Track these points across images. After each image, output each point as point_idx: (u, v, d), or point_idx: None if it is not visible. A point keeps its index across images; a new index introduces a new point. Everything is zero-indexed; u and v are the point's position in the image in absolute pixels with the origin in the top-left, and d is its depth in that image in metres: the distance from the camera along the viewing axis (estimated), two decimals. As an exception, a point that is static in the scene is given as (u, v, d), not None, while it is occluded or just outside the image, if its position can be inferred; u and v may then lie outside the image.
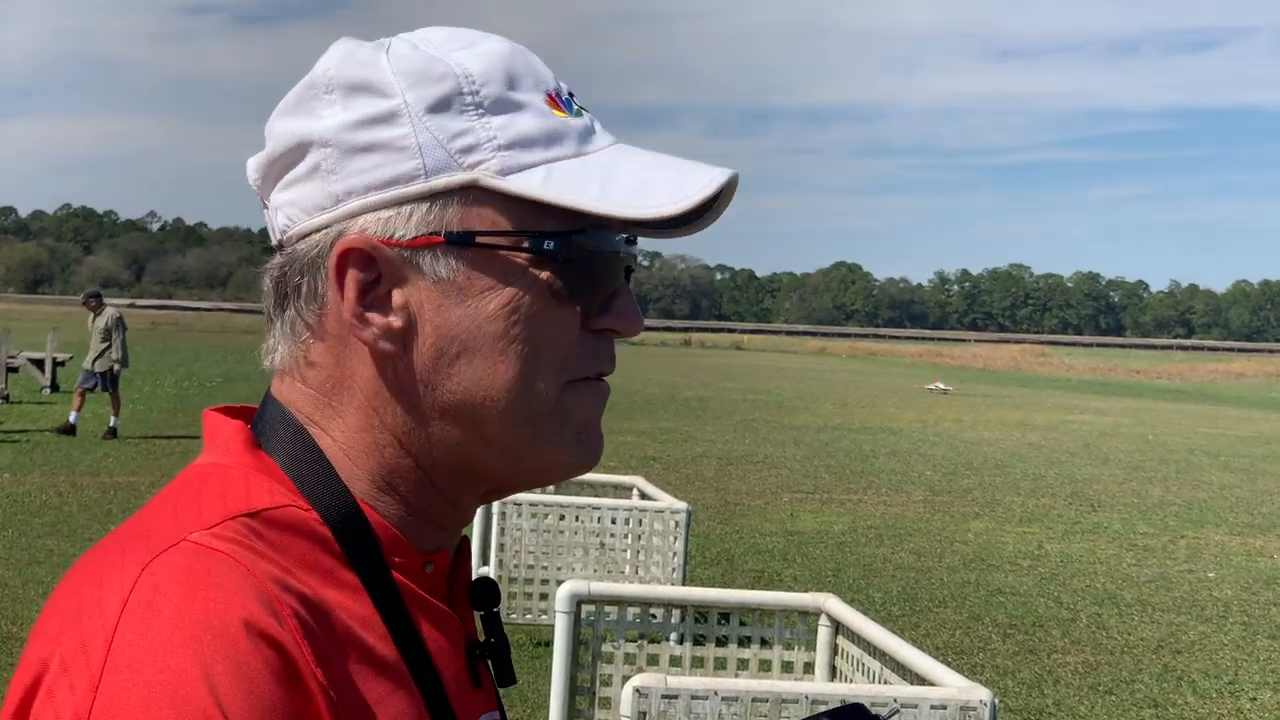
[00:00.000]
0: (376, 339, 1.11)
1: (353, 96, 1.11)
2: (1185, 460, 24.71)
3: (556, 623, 5.52)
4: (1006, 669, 9.64)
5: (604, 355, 1.16)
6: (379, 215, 1.11)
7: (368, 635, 1.07)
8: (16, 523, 12.63)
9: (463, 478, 1.15)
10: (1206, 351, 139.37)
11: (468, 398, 1.11)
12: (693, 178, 1.11)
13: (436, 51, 1.12)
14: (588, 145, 1.13)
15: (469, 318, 1.10)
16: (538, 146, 1.11)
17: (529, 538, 9.04)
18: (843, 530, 15.16)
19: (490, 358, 1.10)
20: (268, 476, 1.11)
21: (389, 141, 1.10)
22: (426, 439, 1.13)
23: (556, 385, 1.12)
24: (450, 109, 1.10)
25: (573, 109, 1.15)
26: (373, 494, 1.14)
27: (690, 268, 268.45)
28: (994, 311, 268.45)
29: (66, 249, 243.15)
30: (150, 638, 0.95)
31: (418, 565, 1.14)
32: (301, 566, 1.06)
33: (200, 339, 64.21)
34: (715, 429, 27.13)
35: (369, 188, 1.11)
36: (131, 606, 0.97)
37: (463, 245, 1.10)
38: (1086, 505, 18.20)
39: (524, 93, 1.12)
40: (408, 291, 1.11)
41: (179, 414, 23.93)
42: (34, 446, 18.84)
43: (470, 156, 1.10)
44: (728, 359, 74.02)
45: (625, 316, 1.15)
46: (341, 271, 1.11)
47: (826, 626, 5.37)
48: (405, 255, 1.11)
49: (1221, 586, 13.07)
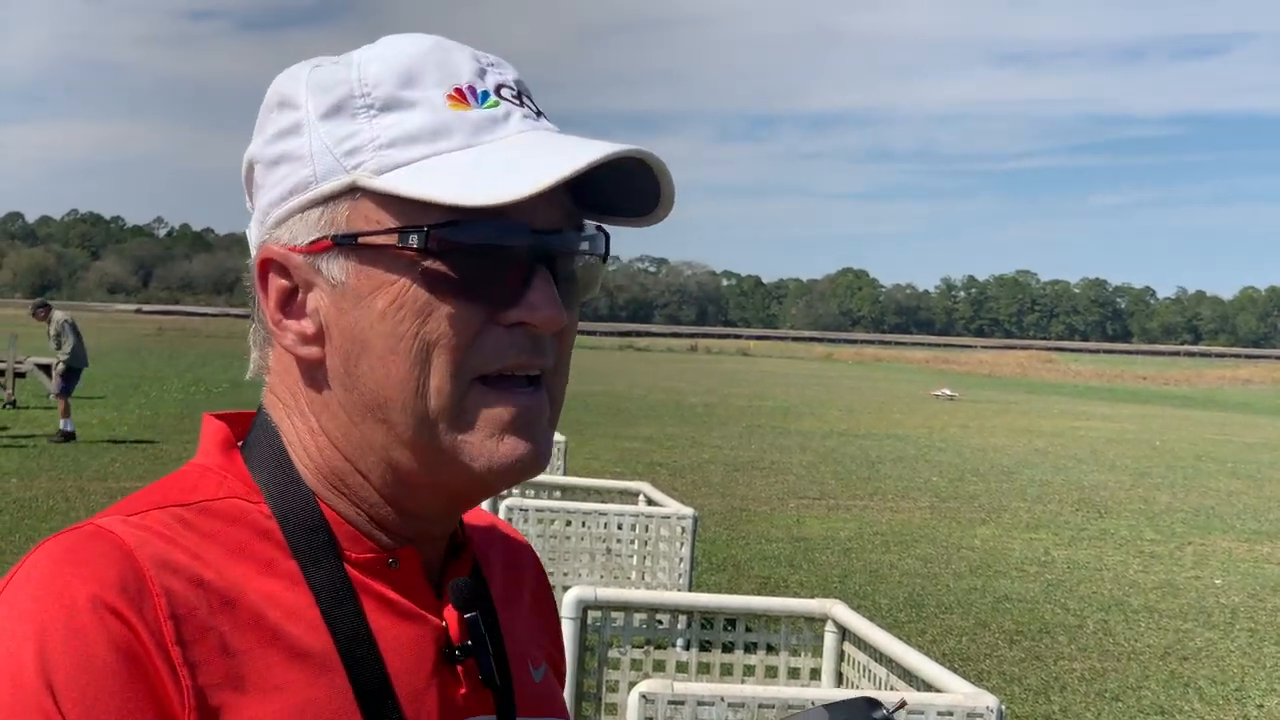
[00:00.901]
0: (295, 344, 1.15)
1: (278, 112, 1.16)
2: (1192, 467, 24.66)
3: (563, 628, 5.51)
4: (1013, 675, 9.62)
5: (515, 349, 1.12)
6: (289, 225, 1.14)
7: (293, 624, 1.10)
8: (24, 528, 12.67)
9: (397, 483, 1.16)
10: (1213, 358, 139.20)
11: (374, 399, 1.12)
12: (569, 158, 1.07)
13: (356, 58, 1.15)
14: (484, 135, 1.12)
15: (364, 317, 1.11)
16: (420, 142, 1.11)
17: (535, 543, 9.03)
18: (849, 536, 15.14)
19: (385, 357, 1.11)
20: (227, 473, 1.17)
21: (291, 152, 1.14)
22: (357, 443, 1.15)
23: (455, 383, 1.11)
24: (342, 114, 1.12)
25: (485, 101, 1.14)
26: (326, 492, 1.17)
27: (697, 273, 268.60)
28: (1000, 318, 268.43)
29: (74, 255, 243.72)
30: (9, 610, 1.03)
31: (379, 561, 1.16)
32: (230, 554, 1.10)
33: (207, 344, 64.22)
34: (721, 435, 27.12)
35: (281, 198, 1.15)
36: (11, 585, 1.05)
37: (350, 247, 1.11)
38: (1093, 512, 18.17)
39: (419, 90, 1.13)
40: (316, 296, 1.14)
41: (185, 419, 23.92)
42: (41, 451, 18.86)
43: (354, 159, 1.11)
44: (734, 365, 73.94)
45: (534, 308, 1.11)
46: (265, 281, 1.16)
47: (833, 633, 5.36)
48: (309, 261, 1.13)
49: (1228, 593, 13.05)
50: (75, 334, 20.93)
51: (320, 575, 1.12)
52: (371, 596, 1.14)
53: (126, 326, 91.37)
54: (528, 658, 1.30)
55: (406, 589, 1.16)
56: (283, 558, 1.12)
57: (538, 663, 1.32)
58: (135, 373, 38.40)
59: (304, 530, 1.13)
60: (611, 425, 26.83)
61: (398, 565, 1.16)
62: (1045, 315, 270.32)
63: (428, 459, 1.13)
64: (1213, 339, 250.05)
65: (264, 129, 1.17)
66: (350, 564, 1.14)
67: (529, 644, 1.32)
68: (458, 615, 1.18)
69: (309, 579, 1.12)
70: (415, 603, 1.16)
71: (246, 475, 1.16)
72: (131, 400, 28.59)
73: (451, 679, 1.16)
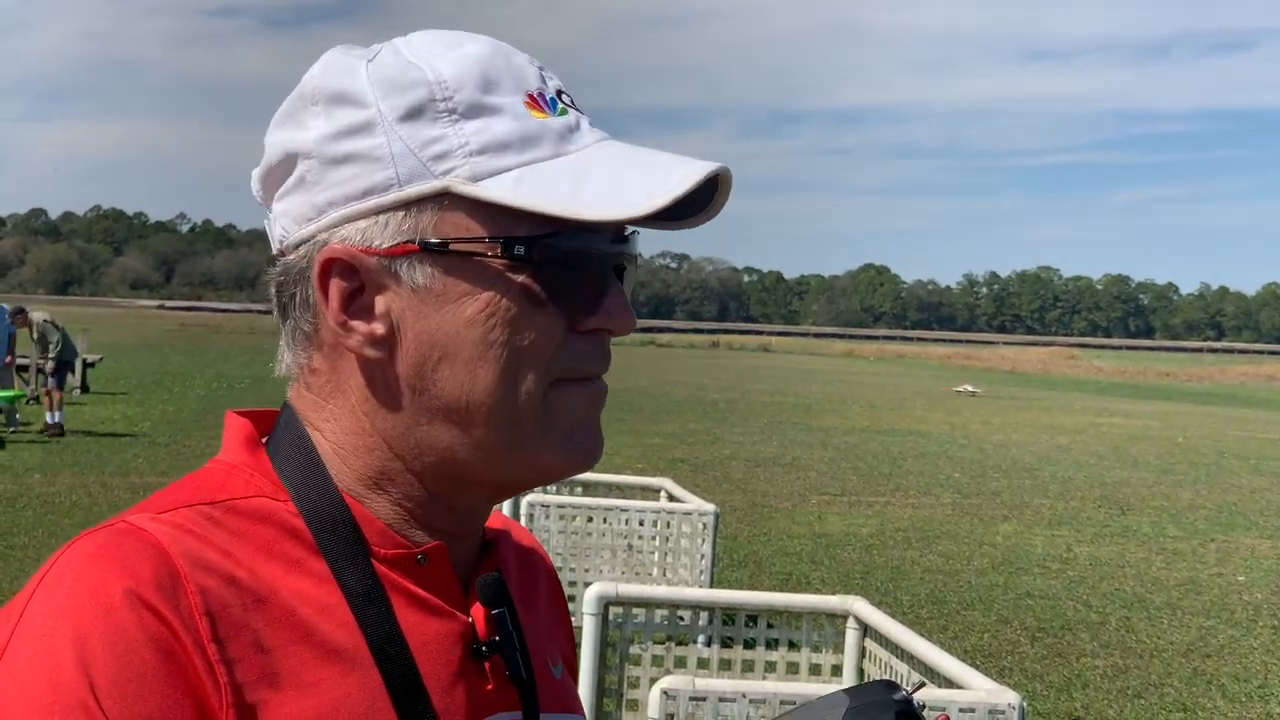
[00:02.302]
0: (361, 346, 1.14)
1: (334, 107, 1.13)
2: (1215, 463, 24.59)
3: (584, 625, 5.52)
4: (1035, 672, 9.60)
5: (594, 357, 1.15)
6: (358, 225, 1.12)
7: (323, 621, 1.10)
8: (47, 523, 12.72)
9: (452, 481, 1.16)
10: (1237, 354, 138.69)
11: (452, 402, 1.12)
12: (669, 174, 1.09)
13: (415, 57, 1.13)
14: (568, 145, 1.13)
15: (448, 324, 1.11)
16: (511, 151, 1.10)
17: (557, 539, 9.04)
18: (871, 533, 15.13)
19: (471, 363, 1.11)
20: (254, 471, 1.16)
21: (365, 152, 1.12)
22: (415, 443, 1.15)
23: (540, 387, 1.12)
24: (423, 116, 1.11)
25: (556, 108, 1.14)
26: (361, 491, 1.16)
27: (718, 270, 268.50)
28: (1022, 314, 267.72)
29: (96, 250, 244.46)
30: (45, 606, 1.02)
31: (408, 558, 1.16)
32: (259, 552, 1.10)
33: (229, 340, 64.44)
34: (743, 431, 27.11)
35: (348, 198, 1.13)
36: (45, 582, 1.04)
37: (438, 253, 1.11)
38: (1116, 508, 18.13)
39: (500, 96, 1.12)
40: (389, 299, 1.13)
41: (208, 415, 24.01)
42: (64, 447, 18.93)
43: (443, 164, 1.10)
44: (755, 361, 73.95)
45: (614, 315, 1.14)
46: (325, 281, 1.14)
47: (854, 629, 5.36)
48: (384, 263, 1.12)
49: (1252, 590, 13.01)
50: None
51: (349, 573, 1.12)
52: (400, 593, 1.14)
53: (149, 323, 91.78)
54: (547, 655, 1.30)
55: (434, 585, 1.16)
56: (311, 556, 1.12)
57: (556, 660, 1.33)
58: (158, 369, 38.53)
59: (332, 528, 1.13)
60: (633, 421, 26.83)
61: (426, 561, 1.16)
62: (1068, 311, 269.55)
63: (499, 458, 1.14)
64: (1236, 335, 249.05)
65: (305, 122, 1.15)
66: (379, 560, 1.14)
67: (547, 642, 1.32)
68: (485, 611, 1.18)
69: (338, 577, 1.12)
70: (443, 599, 1.16)
71: (272, 473, 1.16)
72: (154, 396, 28.68)
73: (478, 675, 1.17)
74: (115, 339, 52.69)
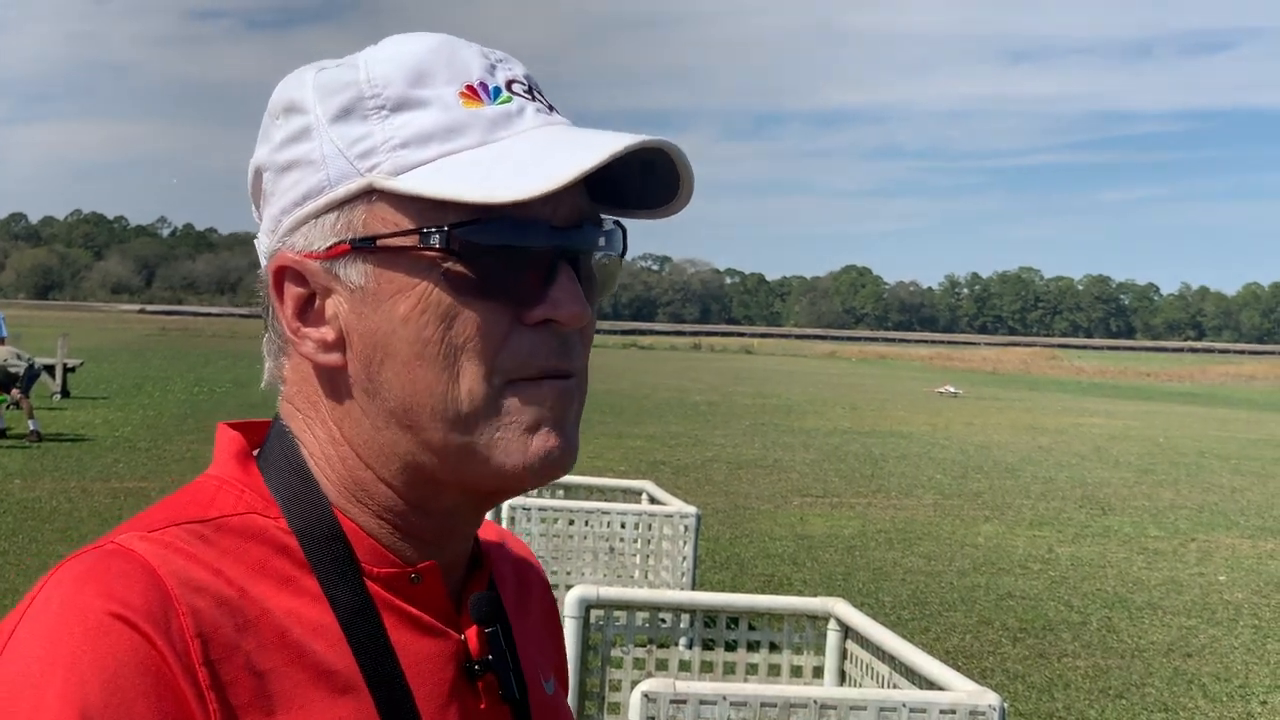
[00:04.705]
0: (315, 352, 1.13)
1: (287, 118, 1.14)
2: (1196, 463, 24.66)
3: (566, 627, 5.52)
4: (1016, 673, 9.62)
5: (544, 350, 1.10)
6: (304, 231, 1.13)
7: (315, 642, 1.08)
8: (27, 529, 12.62)
9: (424, 486, 1.14)
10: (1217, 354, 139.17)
11: (401, 404, 1.11)
12: (589, 150, 1.05)
13: (361, 60, 1.13)
14: (499, 131, 1.10)
15: (386, 323, 1.10)
16: (435, 142, 1.09)
17: (538, 542, 9.03)
18: (852, 534, 15.14)
19: (409, 362, 1.09)
20: (244, 487, 1.14)
21: (302, 157, 1.12)
22: (379, 450, 1.13)
23: (488, 386, 1.09)
24: (352, 116, 1.11)
25: (498, 97, 1.12)
26: (347, 505, 1.15)
27: (700, 271, 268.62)
28: (1004, 315, 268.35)
29: (77, 255, 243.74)
30: (32, 630, 1.01)
31: (401, 576, 1.14)
32: (250, 572, 1.08)
33: (210, 344, 64.26)
34: (725, 433, 27.11)
35: (293, 204, 1.13)
36: (33, 606, 1.03)
37: (369, 250, 1.10)
38: (1097, 509, 18.17)
39: (431, 89, 1.11)
40: (335, 303, 1.12)
41: (189, 419, 23.95)
42: (44, 452, 18.86)
43: (368, 161, 1.10)
44: (737, 363, 73.95)
45: (559, 304, 1.09)
46: (280, 289, 1.14)
47: (836, 631, 5.37)
48: (326, 267, 1.12)
49: (1232, 590, 13.05)
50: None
51: (341, 593, 1.10)
52: (393, 612, 1.13)
53: (130, 327, 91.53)
54: (540, 671, 1.29)
55: (428, 604, 1.15)
56: (303, 575, 1.10)
57: (548, 675, 1.31)
58: (139, 373, 38.41)
59: (324, 546, 1.12)
60: (615, 424, 26.82)
61: (420, 580, 1.15)
62: (1049, 312, 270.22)
63: (457, 462, 1.11)
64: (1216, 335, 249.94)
65: (270, 136, 1.15)
66: (371, 579, 1.13)
67: (539, 656, 1.31)
68: (478, 630, 1.17)
69: (330, 596, 1.10)
70: (436, 617, 1.15)
71: (264, 489, 1.14)
72: (135, 401, 28.59)
73: (471, 694, 1.16)
74: (96, 343, 52.52)
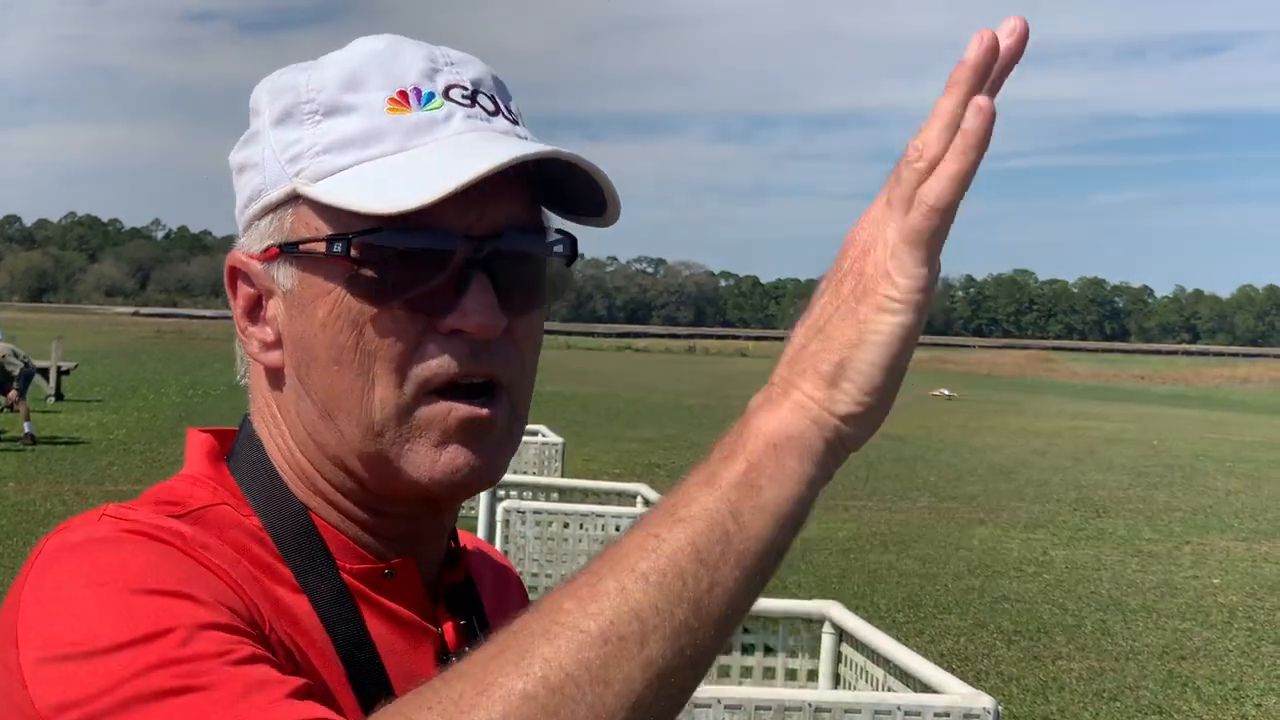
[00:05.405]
0: (259, 352, 1.14)
1: (251, 119, 1.16)
2: (1190, 466, 24.66)
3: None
4: (1011, 676, 9.62)
5: (456, 358, 1.09)
6: (249, 233, 1.14)
7: (296, 627, 1.08)
8: (21, 531, 12.65)
9: (358, 488, 1.14)
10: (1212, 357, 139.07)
11: (324, 406, 1.11)
12: (477, 160, 1.05)
13: (319, 62, 1.13)
14: (419, 138, 1.09)
15: (308, 326, 1.10)
16: (353, 148, 1.09)
17: (533, 545, 9.03)
18: (847, 537, 15.13)
19: (328, 367, 1.09)
20: (217, 484, 1.14)
21: (249, 160, 1.14)
22: (319, 448, 1.14)
23: (399, 394, 1.08)
24: (290, 120, 1.11)
25: (430, 102, 1.11)
26: (314, 502, 1.15)
27: (695, 274, 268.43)
28: (999, 317, 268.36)
29: (71, 257, 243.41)
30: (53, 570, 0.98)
31: (375, 572, 1.14)
32: (236, 555, 1.08)
33: (205, 347, 64.11)
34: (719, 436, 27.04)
35: (243, 206, 1.15)
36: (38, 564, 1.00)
37: (294, 255, 1.10)
38: (1091, 511, 18.17)
39: (361, 94, 1.10)
40: (274, 304, 1.13)
41: (183, 422, 23.73)
42: (38, 455, 18.84)
43: (295, 165, 1.10)
44: (732, 366, 73.89)
45: (468, 313, 1.08)
46: (232, 288, 1.15)
47: (830, 634, 5.36)
48: (263, 268, 1.12)
49: (1226, 592, 13.05)
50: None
51: (317, 584, 1.10)
52: (369, 605, 1.13)
53: (124, 329, 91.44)
54: None
55: (403, 599, 1.15)
56: (277, 564, 1.10)
57: None
58: (133, 376, 38.36)
59: (294, 540, 1.12)
60: (609, 427, 26.82)
61: (394, 575, 1.15)
62: (1043, 315, 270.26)
63: (375, 467, 1.11)
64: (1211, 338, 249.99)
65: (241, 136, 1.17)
66: (346, 573, 1.13)
67: None
68: (454, 623, 1.17)
69: (306, 587, 1.10)
70: (413, 611, 1.15)
71: (235, 487, 1.14)
72: (129, 403, 28.55)
73: None
74: (90, 346, 52.45)
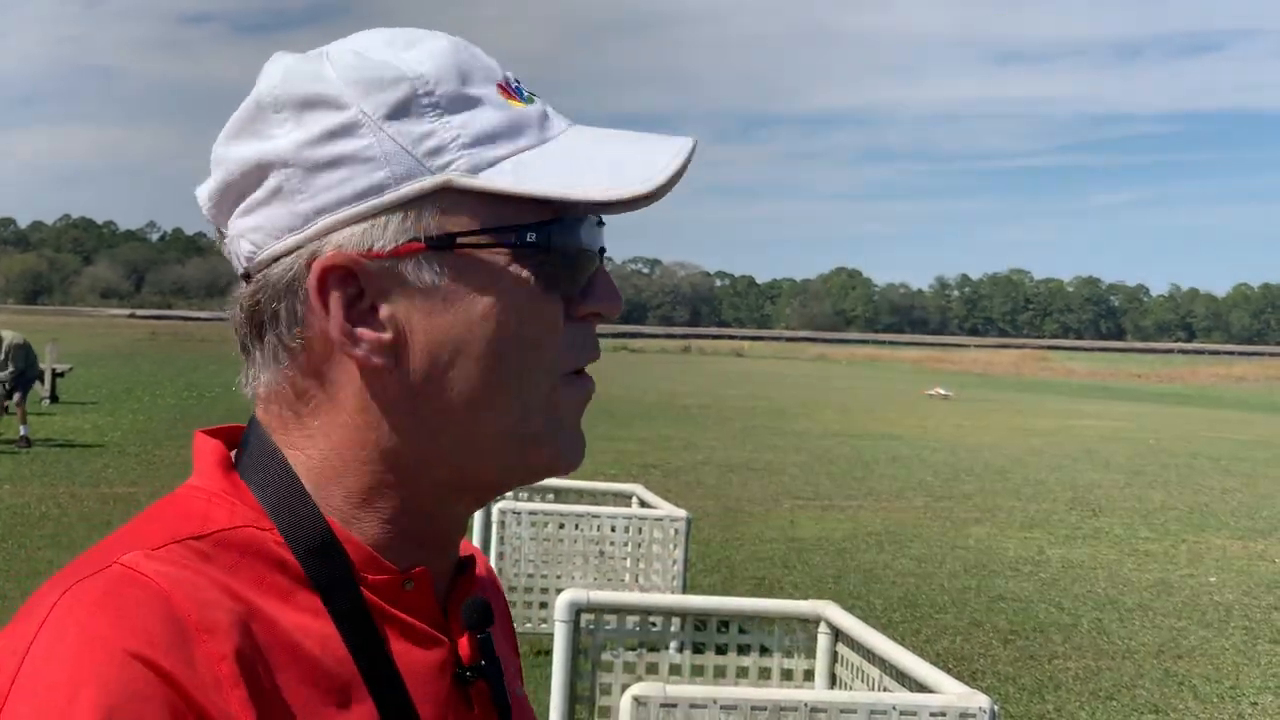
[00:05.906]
0: (368, 355, 1.09)
1: (305, 112, 1.10)
2: (1186, 465, 24.68)
3: (556, 631, 5.51)
4: (1007, 675, 9.62)
5: (590, 343, 1.16)
6: (353, 230, 1.09)
7: (322, 654, 1.06)
8: (16, 534, 12.61)
9: (450, 488, 1.13)
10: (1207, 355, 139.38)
11: (462, 403, 1.10)
12: (657, 152, 1.10)
13: (383, 56, 1.11)
14: (547, 132, 1.12)
15: (460, 322, 1.09)
16: (502, 139, 1.09)
17: (529, 546, 9.04)
18: (843, 537, 15.14)
19: (485, 360, 1.09)
20: (234, 499, 1.11)
21: (353, 154, 1.08)
22: (416, 451, 1.11)
23: (549, 382, 1.12)
24: (410, 113, 1.08)
25: (524, 96, 1.13)
26: (349, 512, 1.12)
27: (690, 274, 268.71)
28: (994, 316, 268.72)
29: (66, 260, 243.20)
30: (50, 665, 0.96)
31: (395, 583, 1.13)
32: (255, 588, 1.06)
33: (200, 349, 64.11)
34: (715, 436, 27.11)
35: (340, 203, 1.09)
36: (41, 634, 0.98)
37: (444, 249, 1.08)
38: (1088, 510, 18.18)
39: (477, 87, 1.11)
40: (394, 303, 1.09)
41: (179, 424, 23.89)
42: (33, 458, 18.82)
43: (438, 159, 1.08)
44: (728, 366, 73.94)
45: (606, 297, 1.15)
46: (324, 291, 1.09)
47: (826, 634, 5.36)
48: (386, 266, 1.09)
49: (1223, 591, 13.06)
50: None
51: (341, 604, 1.09)
52: (389, 621, 1.11)
53: (119, 331, 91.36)
54: (513, 676, 1.29)
55: (419, 611, 1.14)
56: (300, 588, 1.08)
57: (515, 679, 1.31)
58: (128, 378, 38.35)
59: (320, 557, 1.10)
60: (605, 427, 26.77)
61: (413, 586, 1.13)
62: (1039, 314, 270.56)
63: (509, 457, 1.13)
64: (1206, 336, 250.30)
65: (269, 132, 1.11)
66: (367, 588, 1.11)
67: (508, 662, 1.30)
68: (469, 636, 1.16)
69: (330, 608, 1.08)
70: (427, 623, 1.14)
71: (253, 500, 1.12)
72: (124, 405, 28.53)
73: (463, 701, 1.15)
74: (85, 348, 52.45)
